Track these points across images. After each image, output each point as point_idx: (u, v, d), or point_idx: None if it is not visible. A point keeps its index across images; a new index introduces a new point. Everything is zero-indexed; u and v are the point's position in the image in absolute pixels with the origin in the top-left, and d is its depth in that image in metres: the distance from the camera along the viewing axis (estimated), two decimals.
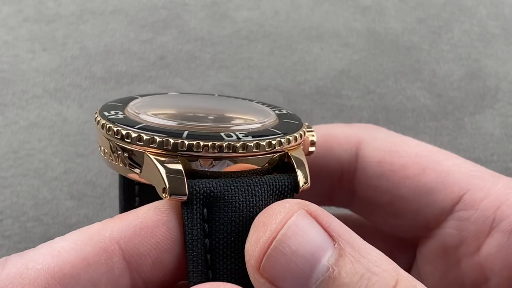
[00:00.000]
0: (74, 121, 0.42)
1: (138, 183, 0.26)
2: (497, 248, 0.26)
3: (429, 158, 0.28)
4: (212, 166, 0.23)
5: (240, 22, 0.45)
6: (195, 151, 0.23)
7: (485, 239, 0.27)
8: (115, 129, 0.23)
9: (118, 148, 0.24)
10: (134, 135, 0.23)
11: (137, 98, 0.28)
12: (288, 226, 0.21)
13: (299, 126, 0.25)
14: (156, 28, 0.44)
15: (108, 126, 0.24)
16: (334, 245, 0.21)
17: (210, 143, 0.22)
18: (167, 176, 0.22)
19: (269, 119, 0.25)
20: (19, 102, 0.42)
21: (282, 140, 0.24)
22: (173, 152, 0.23)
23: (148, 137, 0.23)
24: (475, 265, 0.27)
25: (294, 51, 0.45)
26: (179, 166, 0.22)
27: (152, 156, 0.23)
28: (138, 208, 0.23)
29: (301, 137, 0.25)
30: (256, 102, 0.29)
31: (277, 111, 0.27)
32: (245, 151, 0.23)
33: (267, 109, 0.27)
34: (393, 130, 0.45)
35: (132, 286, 0.22)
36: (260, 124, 0.25)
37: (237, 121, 0.25)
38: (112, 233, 0.22)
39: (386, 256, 0.21)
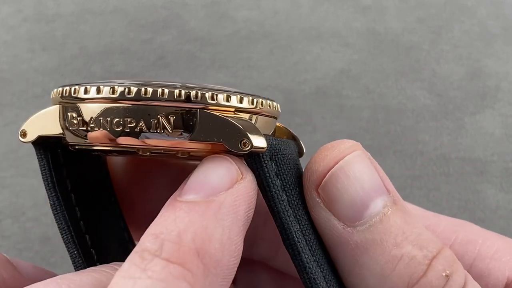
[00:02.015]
0: None
1: (66, 165, 0.24)
2: None
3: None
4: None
5: (240, 22, 0.45)
6: (247, 107, 0.22)
7: None
8: (167, 90, 0.21)
9: (153, 113, 0.20)
10: (193, 92, 0.21)
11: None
12: (355, 154, 0.21)
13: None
14: (156, 28, 0.44)
15: (146, 88, 0.21)
16: (389, 194, 0.21)
17: (250, 98, 0.22)
18: (244, 128, 0.21)
19: None
20: (18, 102, 0.42)
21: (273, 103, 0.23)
22: (229, 108, 0.21)
23: (210, 93, 0.21)
24: None
25: (294, 51, 0.45)
26: (247, 120, 0.21)
27: (214, 112, 0.21)
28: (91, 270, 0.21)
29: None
30: None
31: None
32: (260, 107, 0.22)
33: None
34: (393, 130, 0.45)
35: None
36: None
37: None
38: None
39: None
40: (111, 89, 0.21)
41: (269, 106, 0.23)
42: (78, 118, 0.22)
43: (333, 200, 0.21)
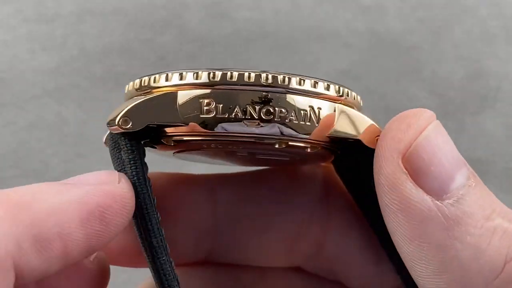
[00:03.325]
0: (73, 121, 0.42)
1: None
2: None
3: None
4: None
5: (240, 22, 0.45)
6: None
7: None
8: (321, 83, 0.20)
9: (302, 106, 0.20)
10: (336, 86, 0.20)
11: None
12: (436, 123, 0.20)
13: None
14: (156, 28, 0.44)
15: (312, 81, 0.20)
16: (467, 165, 0.21)
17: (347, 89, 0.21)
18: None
19: None
20: (18, 102, 0.42)
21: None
22: (355, 104, 0.21)
23: (347, 90, 0.21)
24: None
25: (294, 51, 0.44)
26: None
27: (344, 106, 0.20)
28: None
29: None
30: None
31: None
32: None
33: None
34: None
35: None
36: None
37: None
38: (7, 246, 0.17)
39: None
40: (272, 77, 0.20)
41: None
42: (219, 105, 0.20)
43: (420, 172, 0.19)
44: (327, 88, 0.20)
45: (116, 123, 0.20)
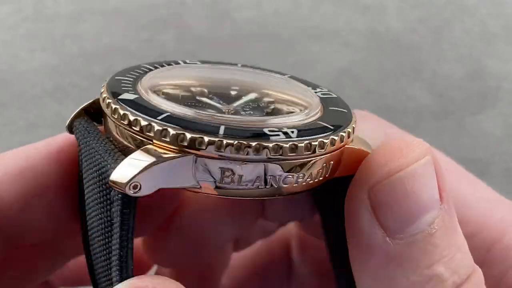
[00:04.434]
0: None
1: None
2: None
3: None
4: None
5: (240, 22, 0.45)
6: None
7: None
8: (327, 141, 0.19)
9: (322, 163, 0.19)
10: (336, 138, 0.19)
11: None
12: (423, 163, 0.20)
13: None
14: (156, 28, 0.44)
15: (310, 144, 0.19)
16: (440, 205, 0.20)
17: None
18: None
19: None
20: (18, 102, 0.42)
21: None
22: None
23: (348, 133, 0.20)
24: None
25: (294, 51, 0.44)
26: None
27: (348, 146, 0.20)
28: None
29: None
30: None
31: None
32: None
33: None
34: None
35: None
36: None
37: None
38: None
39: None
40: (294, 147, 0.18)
41: None
42: (239, 177, 0.18)
43: (381, 207, 0.20)
44: (342, 140, 0.20)
45: (124, 188, 0.17)
